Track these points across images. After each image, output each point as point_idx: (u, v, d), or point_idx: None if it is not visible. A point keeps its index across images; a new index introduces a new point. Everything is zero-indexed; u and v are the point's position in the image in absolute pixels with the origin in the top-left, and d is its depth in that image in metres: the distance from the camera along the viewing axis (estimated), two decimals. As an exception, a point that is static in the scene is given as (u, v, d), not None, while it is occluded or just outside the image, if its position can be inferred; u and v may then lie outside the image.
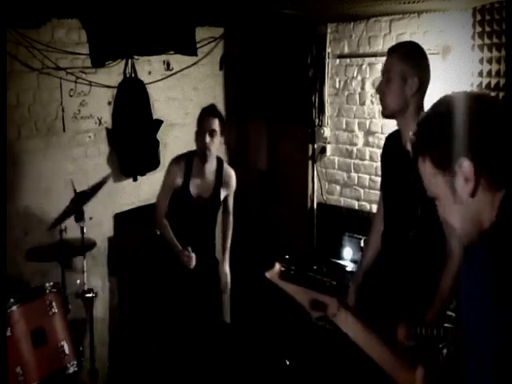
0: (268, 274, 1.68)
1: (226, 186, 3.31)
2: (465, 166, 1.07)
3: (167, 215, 3.26)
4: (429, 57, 2.23)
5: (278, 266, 1.71)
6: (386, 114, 2.29)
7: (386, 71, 2.23)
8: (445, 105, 1.15)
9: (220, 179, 3.27)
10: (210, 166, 3.23)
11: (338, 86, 4.04)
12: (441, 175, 1.13)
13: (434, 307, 2.05)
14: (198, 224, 3.28)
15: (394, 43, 3.55)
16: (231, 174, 3.34)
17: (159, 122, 4.06)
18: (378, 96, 2.33)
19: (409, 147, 2.18)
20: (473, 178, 1.08)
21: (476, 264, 1.14)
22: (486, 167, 1.08)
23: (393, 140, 2.38)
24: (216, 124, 3.08)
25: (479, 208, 1.11)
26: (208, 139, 3.06)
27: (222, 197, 3.33)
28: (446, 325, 1.71)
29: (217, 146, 3.15)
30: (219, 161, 3.32)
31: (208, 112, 3.15)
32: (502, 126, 1.09)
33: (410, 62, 2.16)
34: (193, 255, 3.11)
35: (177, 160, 3.26)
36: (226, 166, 3.36)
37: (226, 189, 3.32)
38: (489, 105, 1.14)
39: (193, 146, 3.28)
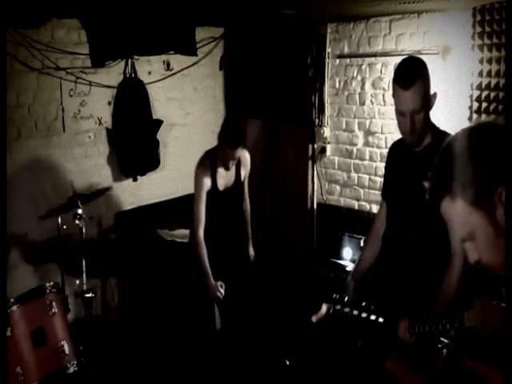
0: (315, 318, 1.65)
1: (244, 167, 3.34)
2: (503, 193, 1.01)
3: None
4: (429, 57, 2.23)
5: (324, 308, 1.71)
6: (415, 145, 2.19)
7: (412, 107, 2.07)
8: (461, 142, 1.09)
9: (239, 165, 3.29)
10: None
11: (337, 86, 4.04)
12: (478, 212, 1.05)
13: (438, 306, 2.05)
14: (226, 216, 3.28)
15: (393, 43, 3.59)
16: (247, 155, 3.36)
17: (159, 122, 4.06)
18: (398, 126, 2.18)
19: (416, 148, 2.19)
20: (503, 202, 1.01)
21: None
22: None
23: (398, 148, 2.38)
24: (238, 151, 3.08)
25: None
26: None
27: (242, 177, 3.34)
28: (443, 320, 1.72)
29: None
30: None
31: (230, 144, 3.05)
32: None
33: (425, 83, 2.09)
34: (223, 291, 3.10)
35: (201, 162, 3.18)
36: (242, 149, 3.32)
37: (244, 170, 3.34)
38: (494, 130, 1.09)
39: (193, 146, 3.28)
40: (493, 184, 1.03)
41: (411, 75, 2.09)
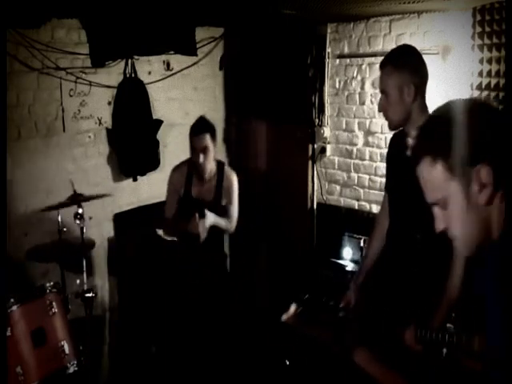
0: (284, 318, 1.68)
1: (226, 192, 3.22)
2: (483, 172, 1.03)
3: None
4: (429, 57, 2.22)
5: (293, 309, 1.73)
6: (392, 128, 2.27)
7: (381, 87, 2.20)
8: (454, 109, 1.11)
9: (220, 184, 3.22)
10: (210, 173, 3.19)
11: (337, 86, 4.04)
12: (454, 181, 1.07)
13: (441, 310, 2.04)
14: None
15: (393, 43, 3.59)
16: (231, 178, 3.25)
17: (159, 122, 4.06)
18: (380, 111, 2.27)
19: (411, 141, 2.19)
20: (491, 184, 1.03)
21: (489, 267, 1.09)
22: (503, 174, 1.03)
23: (397, 140, 2.36)
24: (207, 140, 3.06)
25: (491, 216, 1.06)
26: (201, 158, 3.06)
27: (222, 200, 3.24)
28: (447, 325, 1.71)
29: (211, 158, 3.12)
30: (219, 164, 3.27)
31: (197, 130, 3.11)
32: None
33: (401, 70, 2.12)
34: (201, 221, 3.02)
35: (177, 168, 3.27)
36: (226, 169, 3.28)
37: (226, 192, 3.23)
38: (496, 113, 1.13)
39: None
40: (473, 158, 1.05)
41: (386, 58, 2.21)
